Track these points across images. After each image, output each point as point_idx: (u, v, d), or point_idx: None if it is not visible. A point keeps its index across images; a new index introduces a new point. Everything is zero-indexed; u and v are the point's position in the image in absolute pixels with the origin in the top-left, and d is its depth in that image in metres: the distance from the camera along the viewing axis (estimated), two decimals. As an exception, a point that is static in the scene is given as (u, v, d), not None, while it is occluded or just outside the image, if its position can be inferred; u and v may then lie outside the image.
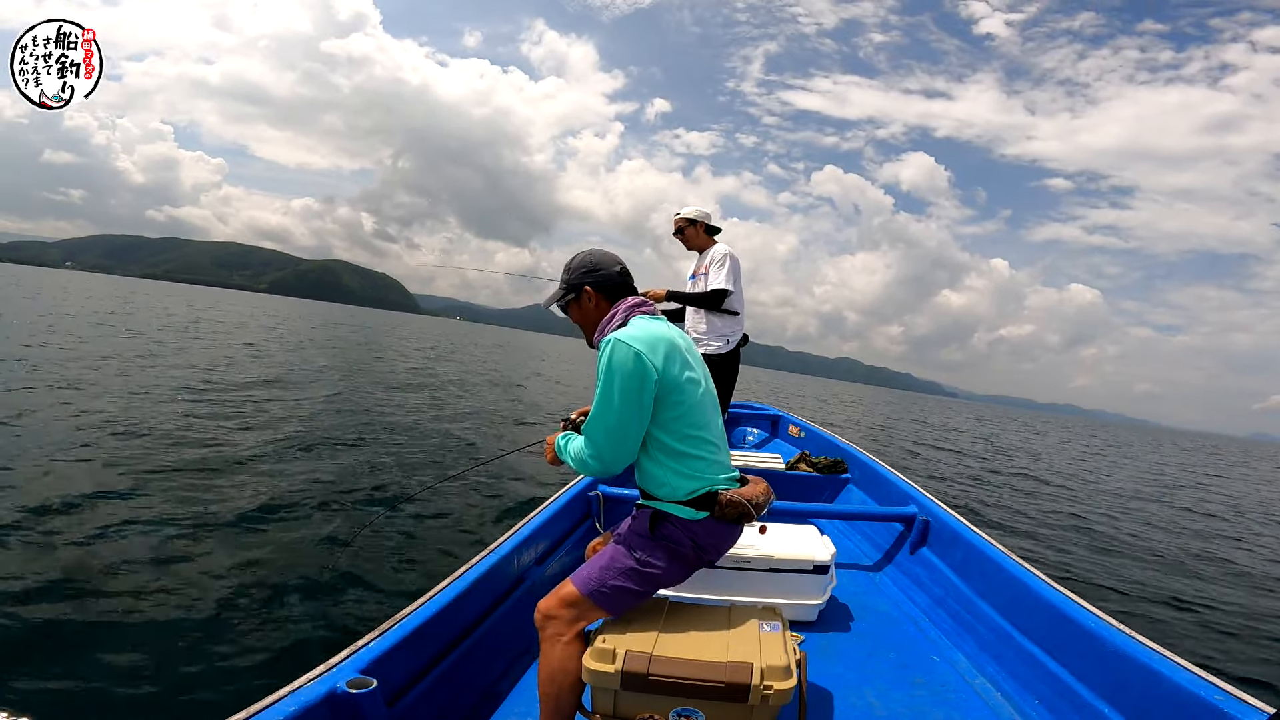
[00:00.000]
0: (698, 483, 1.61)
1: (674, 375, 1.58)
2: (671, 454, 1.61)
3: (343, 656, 1.46)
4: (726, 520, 1.62)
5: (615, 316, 1.69)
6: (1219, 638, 4.37)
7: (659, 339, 1.59)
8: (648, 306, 1.73)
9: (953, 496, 8.16)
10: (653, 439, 1.61)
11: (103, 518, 3.96)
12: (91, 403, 7.22)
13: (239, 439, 6.51)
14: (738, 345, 3.82)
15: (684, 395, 1.60)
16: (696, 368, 1.68)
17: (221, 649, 2.72)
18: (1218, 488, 15.89)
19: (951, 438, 19.15)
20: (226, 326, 25.25)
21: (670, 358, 1.58)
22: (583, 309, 1.75)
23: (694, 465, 1.61)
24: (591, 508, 3.05)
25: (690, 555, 1.63)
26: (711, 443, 1.66)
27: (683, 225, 3.82)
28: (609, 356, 1.55)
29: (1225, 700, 1.41)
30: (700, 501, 1.60)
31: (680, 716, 1.43)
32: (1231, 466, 27.31)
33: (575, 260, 1.78)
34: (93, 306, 25.07)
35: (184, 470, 5.17)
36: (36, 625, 2.75)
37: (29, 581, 3.11)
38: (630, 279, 1.77)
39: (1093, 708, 1.70)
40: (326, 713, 1.32)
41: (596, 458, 1.61)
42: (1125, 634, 1.73)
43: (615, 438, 1.57)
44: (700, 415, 1.64)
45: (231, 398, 8.80)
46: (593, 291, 1.72)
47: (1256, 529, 9.63)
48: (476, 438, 8.34)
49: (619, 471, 1.65)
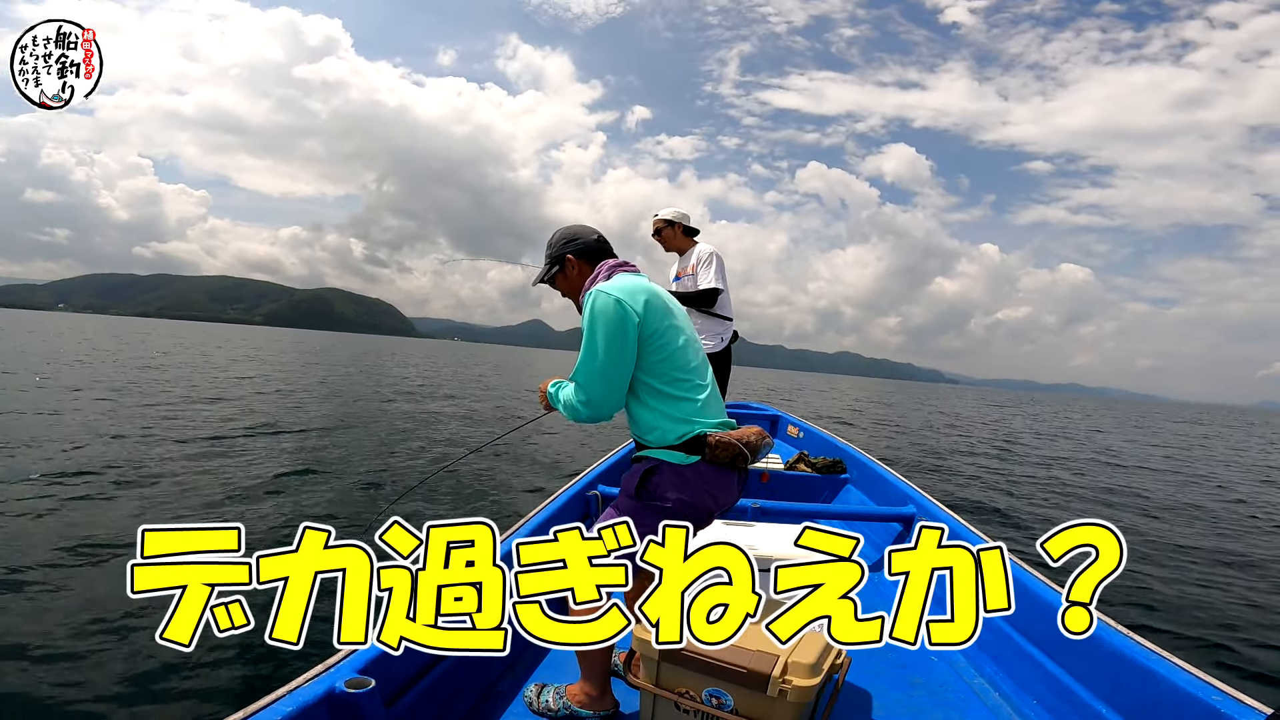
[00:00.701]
0: (686, 426, 1.61)
1: (655, 321, 1.63)
2: (659, 396, 1.63)
3: (341, 656, 1.46)
4: (719, 463, 1.60)
5: (598, 277, 1.74)
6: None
7: (639, 288, 1.65)
8: (629, 266, 1.79)
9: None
10: (640, 383, 1.64)
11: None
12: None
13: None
14: (730, 342, 3.88)
15: (666, 340, 1.64)
16: (679, 317, 1.73)
17: (221, 649, 2.73)
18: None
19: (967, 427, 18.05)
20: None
21: (651, 305, 1.63)
22: (568, 277, 1.82)
23: (682, 407, 1.62)
24: (590, 507, 3.05)
25: (684, 512, 1.59)
26: (700, 385, 1.67)
27: (660, 226, 3.88)
28: (591, 305, 1.61)
29: (1223, 700, 1.41)
30: (690, 445, 1.60)
31: (712, 697, 1.50)
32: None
33: (554, 236, 1.86)
34: (132, 353, 22.33)
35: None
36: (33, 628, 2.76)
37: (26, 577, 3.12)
38: (608, 245, 1.84)
39: (1091, 708, 1.70)
40: (325, 712, 1.32)
41: (586, 403, 1.64)
42: (1124, 634, 1.73)
43: (602, 382, 1.61)
44: (685, 359, 1.66)
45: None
46: (574, 259, 1.80)
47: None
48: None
49: (607, 416, 1.67)
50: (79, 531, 3.82)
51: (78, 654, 2.58)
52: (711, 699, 1.49)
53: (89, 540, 3.70)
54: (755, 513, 3.01)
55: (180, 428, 7.85)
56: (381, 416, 10.96)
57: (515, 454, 7.90)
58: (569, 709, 1.72)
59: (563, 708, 1.73)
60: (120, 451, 6.20)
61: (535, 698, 1.78)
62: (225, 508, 4.60)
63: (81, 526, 3.91)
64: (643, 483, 1.61)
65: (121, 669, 2.50)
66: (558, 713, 1.73)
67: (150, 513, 4.36)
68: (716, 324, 3.80)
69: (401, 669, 1.60)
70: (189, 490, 4.98)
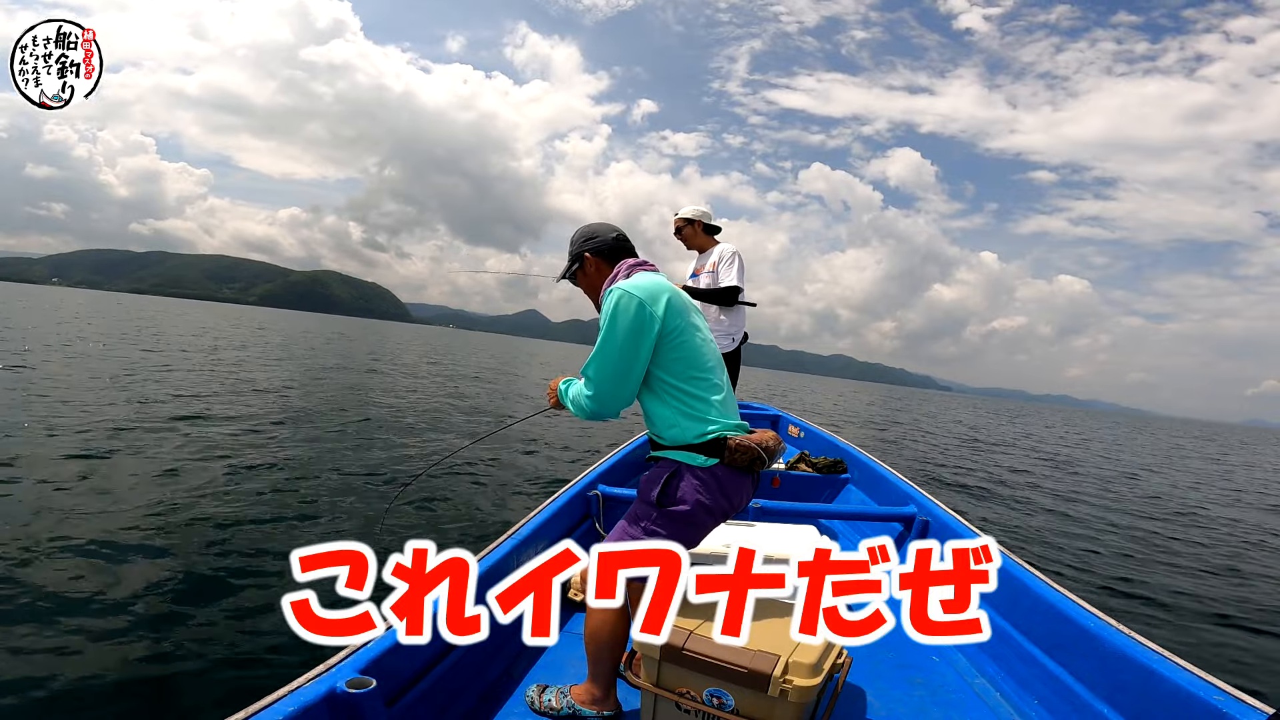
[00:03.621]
0: (705, 425, 1.62)
1: (675, 322, 1.65)
2: (677, 393, 1.64)
3: (342, 657, 1.46)
4: (737, 467, 1.62)
5: (618, 275, 1.76)
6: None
7: (660, 288, 1.67)
8: (649, 265, 1.80)
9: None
10: (657, 379, 1.65)
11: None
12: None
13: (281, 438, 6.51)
14: (740, 343, 3.90)
15: (685, 339, 1.66)
16: (697, 319, 1.75)
17: (221, 650, 2.73)
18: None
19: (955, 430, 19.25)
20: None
21: (671, 304, 1.65)
22: (587, 275, 1.85)
23: (700, 406, 1.64)
24: (591, 507, 3.05)
25: (702, 517, 1.63)
26: (718, 386, 1.68)
27: (681, 225, 3.89)
28: (613, 303, 1.62)
29: (1224, 700, 1.41)
30: (710, 447, 1.61)
31: (713, 697, 1.50)
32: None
33: (575, 234, 1.90)
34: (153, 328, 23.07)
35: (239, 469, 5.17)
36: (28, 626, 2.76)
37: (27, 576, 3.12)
38: (627, 243, 1.86)
39: (1092, 708, 1.70)
40: (325, 713, 1.32)
41: (594, 398, 1.66)
42: (1124, 634, 1.73)
43: (613, 380, 1.62)
44: (703, 359, 1.68)
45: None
46: (592, 258, 1.83)
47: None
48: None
49: (614, 414, 1.68)
50: (72, 527, 3.82)
51: (78, 654, 2.58)
52: (712, 699, 1.49)
53: (82, 536, 3.70)
54: (757, 513, 3.01)
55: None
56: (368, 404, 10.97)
57: (518, 450, 7.90)
58: (573, 708, 1.72)
59: (566, 707, 1.73)
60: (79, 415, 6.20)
61: (537, 697, 1.78)
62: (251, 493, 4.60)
63: (76, 522, 3.91)
64: (664, 489, 1.62)
65: (122, 669, 2.50)
66: (560, 712, 1.73)
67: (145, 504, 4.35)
68: (730, 324, 3.82)
69: (402, 669, 1.60)
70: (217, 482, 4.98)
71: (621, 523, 1.72)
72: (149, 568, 3.44)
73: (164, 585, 3.24)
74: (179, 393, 9.53)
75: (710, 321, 3.81)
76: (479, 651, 1.92)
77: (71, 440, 5.90)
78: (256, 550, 3.78)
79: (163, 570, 3.42)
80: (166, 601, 3.08)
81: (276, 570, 3.48)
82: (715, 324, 3.79)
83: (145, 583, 3.24)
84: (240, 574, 3.44)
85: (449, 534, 4.49)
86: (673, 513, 1.61)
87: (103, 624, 2.80)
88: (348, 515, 4.67)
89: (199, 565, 3.51)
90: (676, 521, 1.61)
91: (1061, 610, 1.93)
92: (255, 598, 3.20)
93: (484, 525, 4.75)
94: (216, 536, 3.93)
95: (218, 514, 4.33)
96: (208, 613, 3.01)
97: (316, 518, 4.53)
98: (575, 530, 2.90)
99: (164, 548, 3.70)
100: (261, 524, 4.24)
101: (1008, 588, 2.24)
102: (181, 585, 3.25)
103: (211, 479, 5.15)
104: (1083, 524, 6.97)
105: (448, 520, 4.81)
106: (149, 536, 3.82)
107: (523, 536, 2.38)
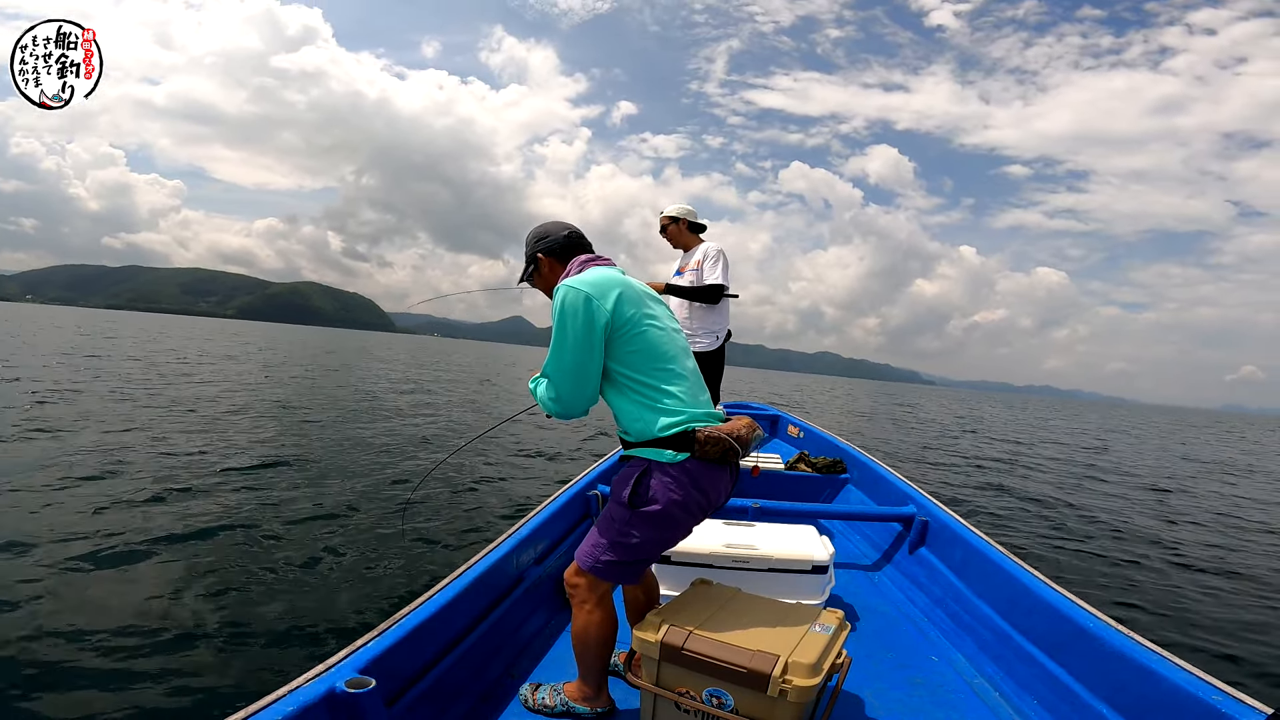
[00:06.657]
0: (670, 416, 1.57)
1: (627, 315, 1.59)
2: (639, 386, 1.60)
3: (341, 656, 1.46)
4: (710, 460, 1.57)
5: (569, 272, 1.71)
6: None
7: (610, 282, 1.61)
8: (603, 259, 1.75)
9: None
10: (619, 374, 1.61)
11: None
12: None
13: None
14: (724, 341, 3.87)
15: (641, 330, 1.60)
16: (655, 310, 1.70)
17: (221, 649, 2.73)
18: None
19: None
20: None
21: (623, 298, 1.60)
22: (543, 276, 1.81)
23: (663, 399, 1.59)
24: (590, 507, 3.05)
25: (677, 515, 1.58)
26: (681, 376, 1.63)
27: (666, 223, 3.88)
28: (559, 301, 1.59)
29: (1223, 700, 1.41)
30: (678, 440, 1.56)
31: (712, 696, 1.50)
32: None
33: (528, 236, 1.85)
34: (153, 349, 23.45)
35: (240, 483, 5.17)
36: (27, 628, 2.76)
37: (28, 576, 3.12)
38: (580, 239, 1.81)
39: (1091, 708, 1.70)
40: (325, 712, 1.32)
41: (555, 399, 1.63)
42: (1124, 634, 1.73)
43: (571, 379, 1.59)
44: (663, 349, 1.63)
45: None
46: (545, 258, 1.79)
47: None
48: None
49: (581, 412, 1.65)
50: (72, 527, 3.83)
51: (78, 654, 2.58)
52: (712, 699, 1.49)
53: (87, 543, 3.70)
54: (755, 513, 3.00)
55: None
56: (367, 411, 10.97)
57: (517, 450, 7.90)
58: (566, 705, 1.73)
59: (559, 704, 1.74)
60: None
61: (530, 695, 1.79)
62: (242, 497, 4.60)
63: (77, 522, 3.92)
64: (634, 490, 1.58)
65: (121, 669, 2.50)
66: (554, 709, 1.74)
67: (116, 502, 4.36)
68: (713, 321, 3.79)
69: (402, 669, 1.60)
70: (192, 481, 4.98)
71: (594, 528, 1.68)
72: (148, 569, 3.45)
73: (163, 586, 3.24)
74: (175, 405, 9.53)
75: (694, 320, 3.81)
76: (479, 651, 1.92)
77: (72, 440, 5.91)
78: (256, 550, 3.78)
79: (161, 571, 3.42)
80: (165, 602, 3.08)
81: (275, 570, 3.48)
82: (699, 322, 3.78)
83: (144, 583, 3.24)
84: (239, 574, 3.44)
85: (450, 534, 4.49)
86: (646, 513, 1.57)
87: (102, 624, 2.81)
88: (352, 515, 4.67)
89: (197, 566, 3.51)
90: (651, 522, 1.57)
91: (1061, 610, 1.93)
92: (254, 598, 3.20)
93: (484, 525, 4.75)
94: (215, 537, 3.93)
95: (217, 513, 4.33)
96: (207, 613, 3.01)
97: (317, 518, 4.53)
98: (574, 530, 2.91)
99: (163, 548, 3.70)
100: (260, 524, 4.24)
101: (1007, 588, 2.24)
102: (180, 585, 3.25)
103: (209, 479, 5.15)
104: (1093, 523, 6.97)
105: (448, 521, 4.81)
106: (148, 538, 3.83)
107: (523, 536, 2.38)
